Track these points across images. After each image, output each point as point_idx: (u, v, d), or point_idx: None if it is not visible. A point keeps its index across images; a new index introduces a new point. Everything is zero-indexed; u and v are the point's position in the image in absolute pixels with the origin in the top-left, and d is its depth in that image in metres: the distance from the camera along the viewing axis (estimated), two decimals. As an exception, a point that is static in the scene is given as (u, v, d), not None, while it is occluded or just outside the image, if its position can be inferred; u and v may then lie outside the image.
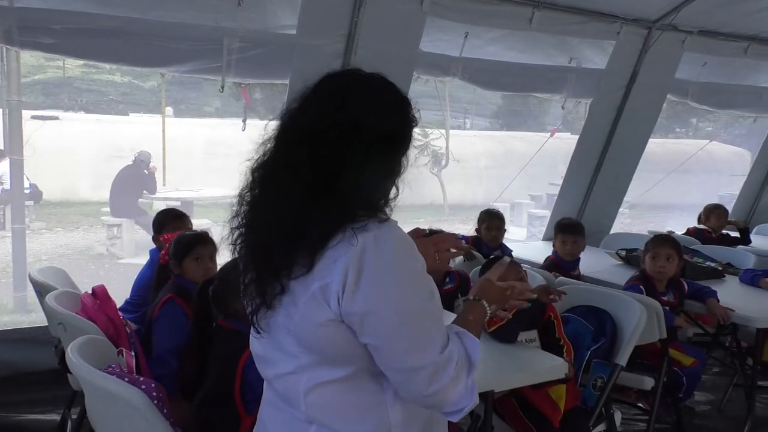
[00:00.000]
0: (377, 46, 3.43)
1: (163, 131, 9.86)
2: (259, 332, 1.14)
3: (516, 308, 2.22)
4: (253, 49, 3.27)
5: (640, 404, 3.04)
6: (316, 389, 1.07)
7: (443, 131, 11.94)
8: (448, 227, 5.79)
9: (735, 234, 4.81)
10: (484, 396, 2.01)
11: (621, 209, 5.68)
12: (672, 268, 3.05)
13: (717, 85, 5.07)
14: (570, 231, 3.52)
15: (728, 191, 6.28)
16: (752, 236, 4.96)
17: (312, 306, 1.02)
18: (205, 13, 3.18)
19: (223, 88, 3.24)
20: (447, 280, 2.90)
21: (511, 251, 3.80)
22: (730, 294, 3.12)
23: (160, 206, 7.67)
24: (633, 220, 7.38)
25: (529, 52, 4.21)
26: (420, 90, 5.10)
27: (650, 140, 5.01)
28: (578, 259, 3.50)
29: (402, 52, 3.56)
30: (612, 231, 4.90)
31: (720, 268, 3.58)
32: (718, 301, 2.96)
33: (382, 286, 1.00)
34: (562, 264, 3.47)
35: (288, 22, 3.40)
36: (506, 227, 3.85)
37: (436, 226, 3.18)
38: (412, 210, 9.31)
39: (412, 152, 1.11)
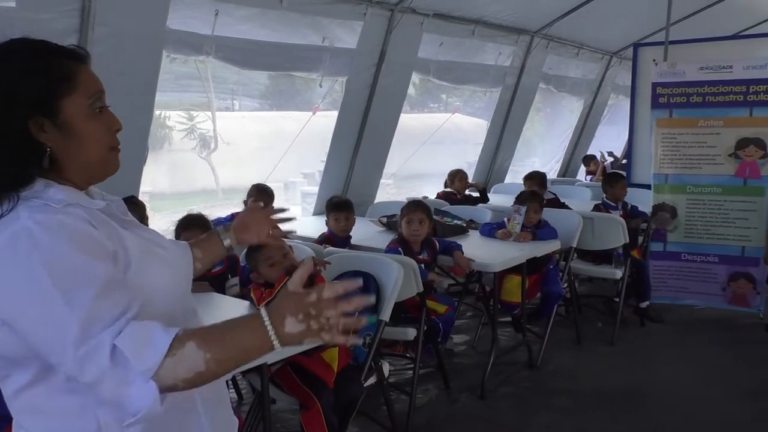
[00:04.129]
0: (118, 22, 3.17)
1: None
2: None
3: (284, 282, 2.31)
4: (-40, 23, 2.81)
5: (408, 354, 3.37)
6: (19, 394, 1.01)
7: (209, 114, 11.48)
8: (223, 212, 5.63)
9: (476, 194, 5.52)
10: (258, 369, 2.05)
11: (386, 180, 6.08)
12: (424, 230, 3.40)
13: (452, 63, 5.64)
14: (341, 208, 3.67)
15: (473, 158, 7.06)
16: (490, 195, 5.73)
17: None
18: None
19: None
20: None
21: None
22: (473, 246, 3.57)
23: None
24: (397, 189, 7.94)
25: (283, 31, 4.25)
26: (181, 71, 4.84)
27: (408, 115, 5.41)
28: (350, 238, 3.69)
29: (147, 29, 3.35)
30: (376, 200, 5.21)
31: (464, 225, 4.08)
32: (463, 253, 3.38)
33: (12, 284, 0.92)
34: (335, 240, 3.62)
35: (4, -6, 2.98)
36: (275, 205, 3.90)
37: (210, 212, 3.10)
38: (184, 197, 8.85)
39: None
